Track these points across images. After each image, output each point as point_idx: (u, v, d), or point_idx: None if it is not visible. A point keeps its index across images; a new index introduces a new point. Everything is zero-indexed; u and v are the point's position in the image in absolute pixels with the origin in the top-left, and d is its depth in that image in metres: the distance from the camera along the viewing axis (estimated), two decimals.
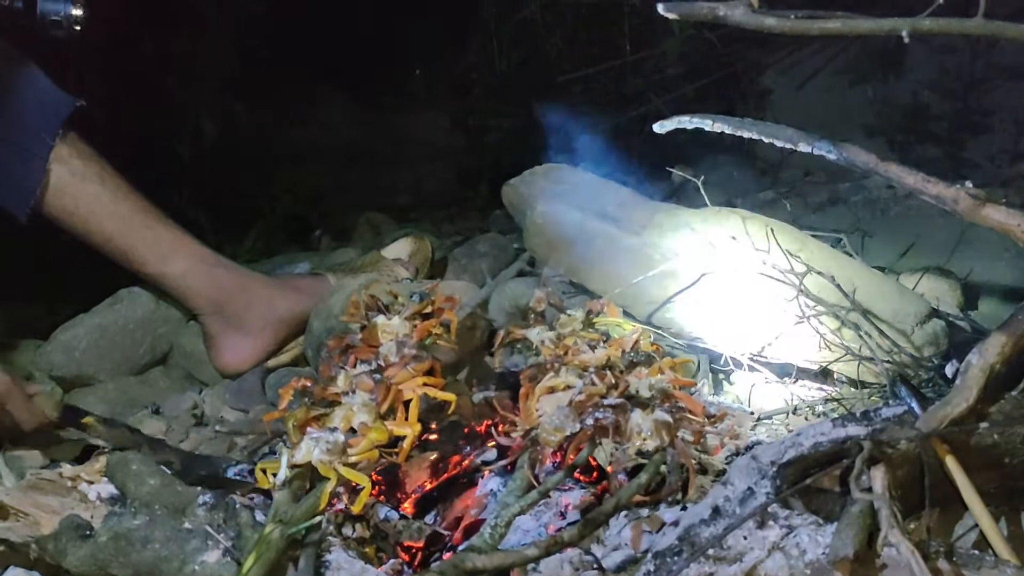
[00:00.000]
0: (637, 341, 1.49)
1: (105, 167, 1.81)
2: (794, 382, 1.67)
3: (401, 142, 3.37)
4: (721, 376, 1.72)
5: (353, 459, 1.29)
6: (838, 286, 1.61)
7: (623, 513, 1.27)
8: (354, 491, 1.33)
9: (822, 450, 1.17)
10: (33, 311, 2.13)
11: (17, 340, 1.98)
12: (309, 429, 1.31)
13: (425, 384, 1.41)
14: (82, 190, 1.77)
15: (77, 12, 1.66)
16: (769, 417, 1.60)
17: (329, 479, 1.25)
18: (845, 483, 1.11)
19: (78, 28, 1.64)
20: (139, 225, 1.81)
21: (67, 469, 1.41)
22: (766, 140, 1.23)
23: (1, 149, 1.71)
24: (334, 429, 1.30)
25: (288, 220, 2.88)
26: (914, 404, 1.29)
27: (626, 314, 1.73)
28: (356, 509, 1.26)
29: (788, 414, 1.60)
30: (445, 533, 1.33)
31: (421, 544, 1.30)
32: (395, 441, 1.33)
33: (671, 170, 2.59)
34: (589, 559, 1.22)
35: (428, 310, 1.54)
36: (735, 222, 1.71)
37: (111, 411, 1.81)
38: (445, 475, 1.46)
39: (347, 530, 1.31)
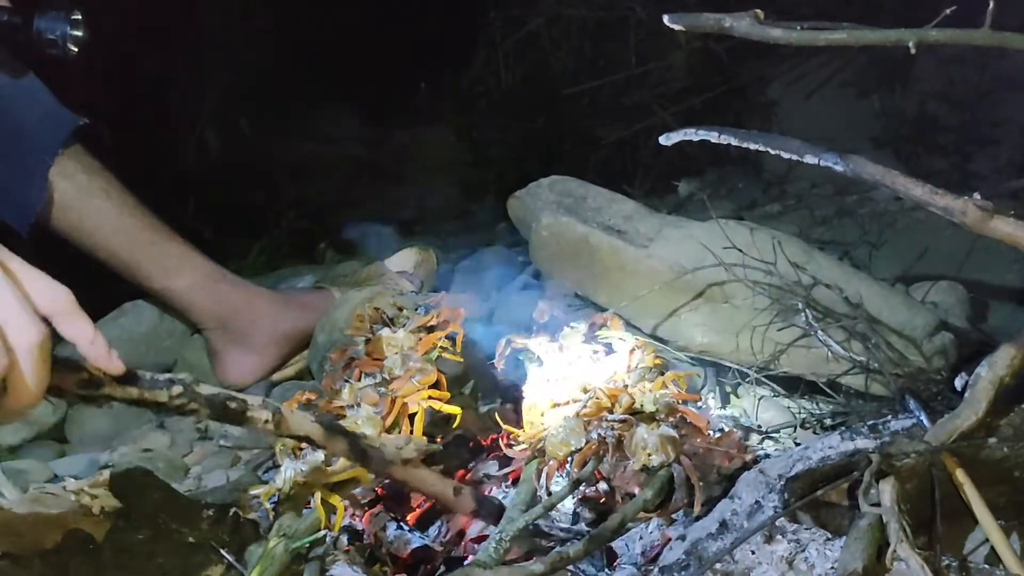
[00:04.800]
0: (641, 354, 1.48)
1: (112, 182, 1.81)
2: (801, 395, 1.66)
3: (406, 156, 3.38)
4: (728, 389, 1.71)
5: (334, 478, 1.29)
6: (845, 298, 1.60)
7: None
8: (359, 506, 1.33)
9: (830, 463, 1.16)
10: None
11: None
12: (288, 457, 1.31)
13: (430, 397, 1.40)
14: (88, 205, 1.77)
15: (76, 33, 1.64)
16: (776, 430, 1.59)
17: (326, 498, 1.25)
18: (854, 497, 1.11)
19: (75, 49, 1.62)
20: (145, 240, 1.81)
21: (71, 482, 1.40)
22: (772, 152, 1.23)
23: (1, 165, 1.72)
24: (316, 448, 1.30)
25: (293, 234, 2.88)
26: (923, 417, 1.29)
27: (632, 327, 1.73)
28: (334, 529, 1.26)
29: (796, 427, 1.59)
30: (435, 548, 1.32)
31: (406, 555, 1.29)
32: None
33: (677, 183, 2.58)
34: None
35: (433, 323, 1.53)
36: (742, 234, 1.71)
37: (115, 424, 1.81)
38: None
39: (353, 544, 1.31)
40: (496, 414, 1.48)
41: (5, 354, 0.80)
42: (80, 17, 1.64)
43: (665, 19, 1.20)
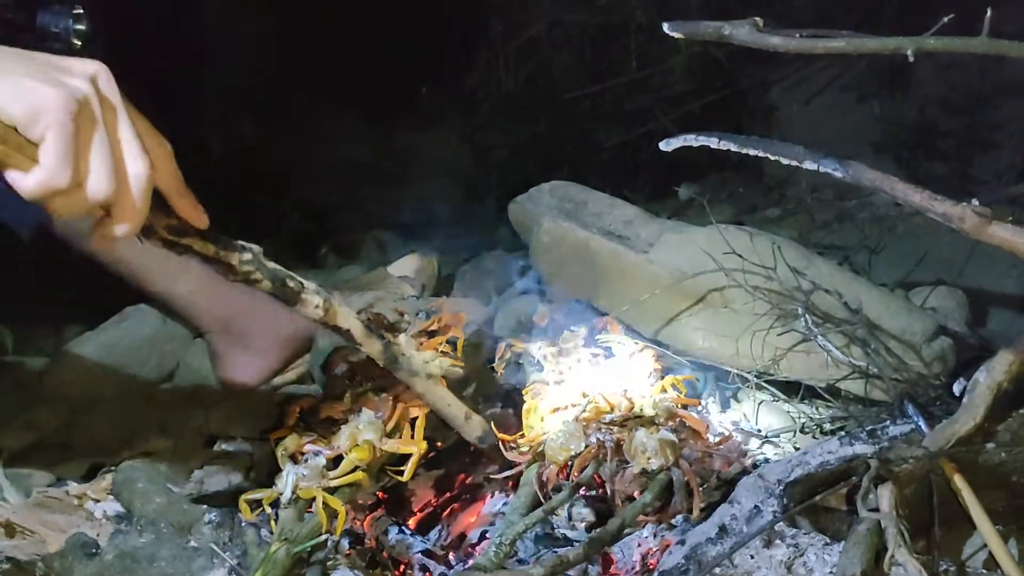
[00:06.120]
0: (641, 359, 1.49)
1: None
2: (801, 400, 1.66)
3: (408, 159, 3.38)
4: (728, 394, 1.72)
5: (335, 482, 1.29)
6: (845, 303, 1.61)
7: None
8: (360, 509, 1.33)
9: (829, 468, 1.17)
10: (40, 329, 2.13)
11: (24, 358, 1.98)
12: (289, 462, 1.32)
13: None
14: None
15: (79, 27, 1.64)
16: (776, 435, 1.59)
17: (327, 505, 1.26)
18: (852, 502, 1.11)
19: (78, 44, 1.62)
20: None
21: (73, 487, 1.41)
22: (772, 157, 1.23)
23: None
24: (317, 452, 1.31)
25: (295, 237, 2.88)
26: (921, 422, 1.29)
27: (633, 331, 1.73)
28: (336, 533, 1.26)
29: (795, 432, 1.59)
30: (436, 551, 1.32)
31: (407, 561, 1.29)
32: (402, 459, 1.33)
33: (677, 188, 2.59)
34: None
35: (434, 327, 1.54)
36: (742, 239, 1.71)
37: (118, 429, 1.81)
38: (450, 493, 1.45)
39: (354, 548, 1.31)
40: (492, 422, 1.48)
41: (115, 179, 0.89)
42: (82, 11, 1.64)
43: (664, 27, 1.20)
